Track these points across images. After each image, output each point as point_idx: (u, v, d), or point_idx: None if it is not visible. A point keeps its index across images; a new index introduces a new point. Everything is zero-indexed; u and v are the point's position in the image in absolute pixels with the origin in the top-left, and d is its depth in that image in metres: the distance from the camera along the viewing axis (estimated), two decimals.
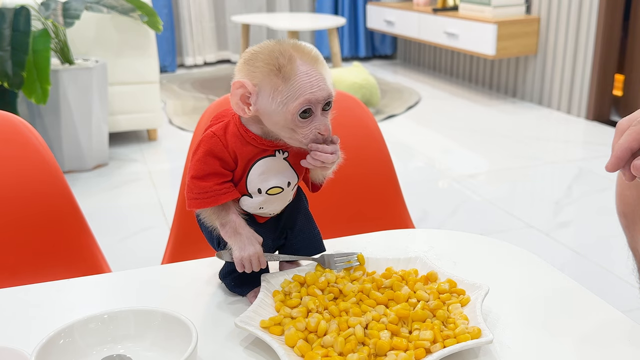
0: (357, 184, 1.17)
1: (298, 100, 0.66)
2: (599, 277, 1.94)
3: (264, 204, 0.72)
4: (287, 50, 0.67)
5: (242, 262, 0.70)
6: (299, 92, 0.66)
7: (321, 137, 0.69)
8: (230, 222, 0.70)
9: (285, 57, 0.67)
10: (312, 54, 0.69)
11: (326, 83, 0.68)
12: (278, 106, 0.67)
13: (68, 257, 1.07)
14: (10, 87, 2.43)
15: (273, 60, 0.67)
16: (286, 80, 0.66)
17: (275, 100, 0.67)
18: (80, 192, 2.58)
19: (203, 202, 0.70)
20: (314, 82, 0.67)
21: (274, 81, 0.67)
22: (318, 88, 0.67)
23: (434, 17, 4.16)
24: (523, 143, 3.22)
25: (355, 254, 0.77)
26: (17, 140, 1.05)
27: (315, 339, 0.64)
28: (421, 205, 2.47)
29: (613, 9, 3.39)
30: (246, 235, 0.70)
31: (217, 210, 0.70)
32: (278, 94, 0.67)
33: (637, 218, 0.85)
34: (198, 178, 0.70)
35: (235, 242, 0.70)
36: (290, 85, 0.66)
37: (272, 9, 5.26)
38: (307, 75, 0.67)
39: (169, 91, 4.25)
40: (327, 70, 0.70)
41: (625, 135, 0.63)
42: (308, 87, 0.67)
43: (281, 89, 0.67)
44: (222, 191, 0.70)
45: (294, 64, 0.67)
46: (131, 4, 2.81)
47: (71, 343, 0.63)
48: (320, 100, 0.67)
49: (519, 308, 0.72)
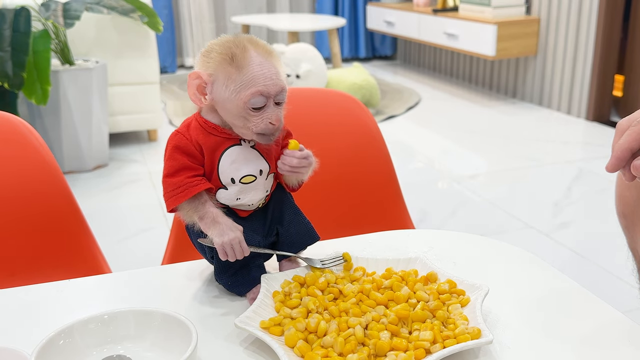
0: (357, 185, 1.17)
1: (250, 89, 0.68)
2: (598, 277, 1.94)
3: (240, 194, 0.73)
4: (242, 42, 0.70)
5: (223, 248, 0.70)
6: (251, 82, 0.68)
7: (272, 126, 0.70)
8: (207, 213, 0.71)
9: (239, 47, 0.69)
10: (266, 47, 0.71)
11: (279, 77, 0.70)
12: (231, 94, 0.69)
13: (68, 258, 1.07)
14: (11, 87, 2.43)
15: (227, 50, 0.69)
16: (239, 69, 0.68)
17: (228, 88, 0.69)
18: (81, 193, 2.58)
19: (178, 198, 0.70)
20: (267, 74, 0.69)
21: (228, 70, 0.69)
22: (271, 81, 0.69)
23: (434, 18, 4.16)
24: (523, 144, 3.22)
25: (341, 255, 0.77)
26: (17, 140, 1.05)
27: (315, 340, 0.64)
28: (421, 205, 2.47)
29: (613, 10, 3.39)
30: (225, 223, 0.71)
31: (194, 205, 0.71)
32: (231, 82, 0.69)
33: (637, 218, 0.85)
34: (169, 176, 0.71)
35: (214, 230, 0.70)
36: (243, 75, 0.68)
37: (272, 10, 5.26)
38: (260, 67, 0.69)
39: (169, 92, 4.26)
40: (281, 65, 0.71)
41: (625, 135, 0.63)
42: (261, 78, 0.69)
43: (234, 77, 0.69)
44: (193, 183, 0.71)
45: (247, 54, 0.69)
46: (131, 5, 2.82)
47: (71, 343, 0.63)
48: (272, 94, 0.69)
49: (518, 308, 0.72)
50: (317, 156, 0.77)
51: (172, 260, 1.07)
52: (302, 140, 0.80)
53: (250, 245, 0.73)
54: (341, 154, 1.17)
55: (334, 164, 1.15)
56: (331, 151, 1.16)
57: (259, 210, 0.76)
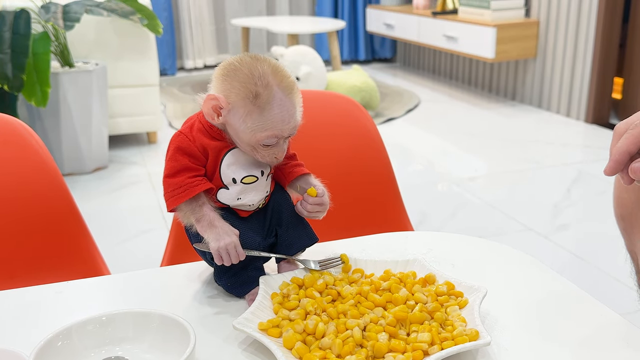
0: (356, 187, 1.17)
1: (266, 132, 0.69)
2: (597, 279, 1.94)
3: (241, 194, 0.73)
4: (266, 76, 0.69)
5: (219, 253, 0.71)
6: (269, 125, 0.69)
7: (276, 160, 0.73)
8: (205, 216, 0.71)
9: (263, 85, 0.68)
10: (288, 80, 0.70)
11: (296, 114, 0.71)
12: (247, 129, 0.69)
13: (67, 260, 1.08)
14: (10, 89, 2.43)
15: (251, 85, 0.68)
16: (261, 110, 0.68)
17: (245, 123, 0.69)
18: (80, 195, 2.58)
19: (178, 198, 0.71)
20: (285, 116, 0.69)
21: (249, 107, 0.69)
22: (288, 124, 0.70)
23: (434, 21, 4.17)
24: (522, 146, 3.22)
25: (339, 256, 0.78)
26: (16, 142, 1.06)
27: (314, 341, 0.64)
28: (420, 207, 2.47)
29: (612, 12, 3.39)
30: (221, 227, 0.71)
31: (192, 206, 0.71)
32: (250, 119, 0.69)
33: (635, 221, 0.85)
34: (170, 176, 0.72)
35: (210, 234, 0.71)
36: (263, 117, 0.69)
37: (272, 12, 5.26)
38: (280, 108, 0.69)
39: (168, 94, 4.26)
40: (299, 97, 0.72)
41: (623, 138, 0.63)
42: (279, 121, 0.69)
43: (254, 116, 0.69)
44: (194, 183, 0.71)
45: (271, 93, 0.68)
46: (131, 7, 2.82)
47: (69, 345, 0.63)
48: (286, 135, 0.71)
49: (516, 310, 0.72)
50: (317, 158, 0.77)
51: (171, 262, 1.07)
52: (301, 142, 0.80)
53: (246, 249, 0.73)
54: (340, 156, 1.17)
55: (333, 166, 1.15)
56: (330, 153, 1.16)
57: (258, 211, 0.77)
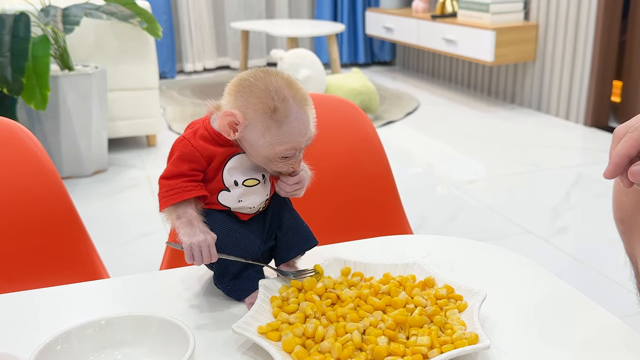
0: (356, 190, 1.17)
1: (285, 145, 0.70)
2: (597, 283, 1.94)
3: (243, 197, 0.74)
4: (281, 89, 0.69)
5: (191, 249, 0.70)
6: (288, 138, 0.70)
7: (292, 169, 0.73)
8: (186, 214, 0.71)
9: (280, 99, 0.69)
10: (302, 92, 0.71)
11: (311, 125, 0.72)
12: (265, 143, 0.70)
13: (66, 263, 1.07)
14: (10, 93, 2.43)
15: (268, 100, 0.69)
16: (279, 124, 0.69)
17: (264, 138, 0.70)
18: (80, 198, 2.58)
19: (170, 199, 0.71)
20: (302, 128, 0.70)
21: (267, 122, 0.69)
22: (305, 136, 0.71)
23: (433, 24, 4.17)
24: (521, 149, 3.22)
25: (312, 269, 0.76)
26: (16, 146, 1.06)
27: (313, 345, 0.64)
28: (419, 211, 2.47)
29: (611, 15, 3.40)
30: (199, 226, 0.71)
31: (177, 205, 0.71)
32: (268, 134, 0.69)
33: (634, 224, 0.85)
34: (166, 178, 0.72)
35: (186, 231, 0.70)
36: (282, 130, 0.69)
37: (272, 16, 5.27)
38: (297, 120, 0.70)
39: (168, 97, 4.26)
40: (313, 108, 0.73)
41: (623, 142, 0.63)
42: (297, 133, 0.70)
43: (273, 131, 0.69)
44: (187, 188, 0.71)
45: (288, 106, 0.69)
46: (131, 11, 2.82)
47: (69, 349, 0.63)
48: (303, 146, 0.72)
49: (516, 314, 0.72)
50: (316, 161, 0.77)
51: (170, 266, 1.07)
52: None
53: (220, 253, 0.72)
54: (340, 159, 1.17)
55: (332, 169, 1.15)
56: (330, 156, 1.16)
57: (258, 215, 0.77)
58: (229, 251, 0.73)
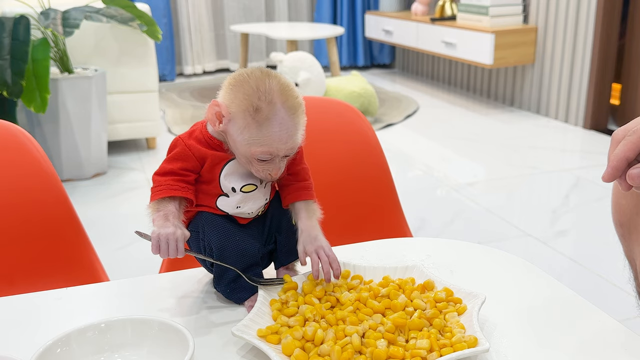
0: (355, 193, 1.17)
1: (262, 148, 0.69)
2: (596, 285, 1.94)
3: (241, 203, 0.74)
4: (272, 91, 0.68)
5: (158, 240, 0.68)
6: (266, 141, 0.68)
7: (270, 177, 0.72)
8: (165, 208, 0.71)
9: (267, 100, 0.68)
10: (295, 101, 0.70)
11: (296, 136, 0.70)
12: (243, 141, 0.69)
13: (66, 266, 1.07)
14: (10, 96, 2.43)
15: (254, 99, 0.68)
16: (259, 125, 0.68)
17: (242, 135, 0.69)
18: (79, 201, 2.58)
19: (155, 195, 0.71)
20: (284, 135, 0.69)
21: (248, 120, 0.68)
22: (284, 144, 0.69)
23: (432, 27, 4.18)
24: (521, 152, 3.22)
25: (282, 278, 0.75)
26: (15, 149, 1.06)
27: (312, 348, 0.64)
28: (419, 213, 2.48)
29: (610, 18, 3.41)
30: (173, 222, 0.70)
31: (160, 201, 0.71)
32: (247, 132, 0.69)
33: (633, 227, 0.86)
34: (158, 174, 0.73)
35: (158, 223, 0.69)
36: (260, 132, 0.68)
37: (271, 19, 5.28)
38: (280, 126, 0.68)
39: (168, 100, 4.26)
40: (303, 119, 0.71)
41: (621, 145, 0.63)
42: (276, 139, 0.68)
43: (252, 130, 0.68)
44: (174, 187, 0.71)
45: (273, 110, 0.68)
46: (130, 14, 2.82)
47: (68, 352, 0.63)
48: (281, 154, 0.70)
49: (515, 317, 0.72)
50: (316, 164, 0.77)
51: (170, 268, 1.07)
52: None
53: (189, 251, 0.72)
54: (339, 162, 1.17)
55: (331, 172, 1.15)
56: (329, 159, 1.16)
57: (258, 218, 0.77)
58: (228, 254, 0.73)
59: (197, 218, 0.75)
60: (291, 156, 0.73)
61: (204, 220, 0.74)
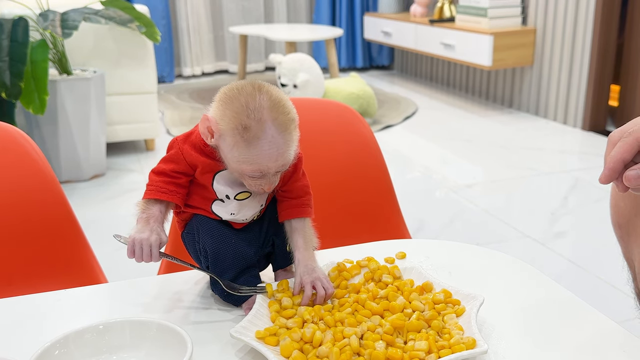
0: (354, 194, 1.17)
1: (252, 166, 0.67)
2: (594, 287, 1.94)
3: (235, 210, 0.73)
4: (261, 109, 0.66)
5: (133, 244, 0.69)
6: (255, 160, 0.67)
7: (263, 191, 0.71)
8: (148, 211, 0.71)
9: (256, 118, 0.66)
10: (286, 117, 0.67)
11: (287, 153, 0.68)
12: (233, 158, 0.68)
13: (64, 268, 1.07)
14: (8, 97, 2.43)
15: (243, 117, 0.66)
16: (248, 144, 0.66)
17: (232, 153, 0.68)
18: (78, 202, 2.58)
19: (146, 194, 0.72)
20: (274, 153, 0.67)
21: (236, 138, 0.67)
22: (275, 163, 0.67)
23: (431, 28, 4.18)
24: (519, 153, 3.23)
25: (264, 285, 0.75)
26: (14, 150, 1.06)
27: (311, 350, 0.64)
28: (418, 215, 2.48)
29: (609, 20, 3.41)
30: (152, 226, 0.70)
31: (148, 201, 0.72)
32: (236, 150, 0.67)
33: (632, 229, 0.86)
34: (153, 172, 0.73)
35: (138, 227, 0.70)
36: (249, 151, 0.66)
37: (270, 20, 5.28)
38: (269, 145, 0.66)
39: (166, 101, 4.26)
40: (295, 135, 0.69)
41: (617, 147, 0.64)
42: (266, 157, 0.67)
43: (241, 149, 0.67)
44: (162, 189, 0.71)
45: (262, 128, 0.66)
46: (129, 15, 2.83)
47: (66, 354, 0.63)
48: (273, 171, 0.68)
49: (514, 318, 0.72)
50: (314, 166, 0.77)
51: (168, 270, 1.07)
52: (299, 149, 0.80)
53: (166, 256, 0.72)
54: (338, 163, 1.17)
55: (330, 174, 1.15)
56: (328, 161, 1.16)
57: (255, 221, 0.77)
58: (223, 258, 0.73)
59: (193, 221, 0.75)
60: (288, 169, 0.71)
61: (199, 223, 0.74)
